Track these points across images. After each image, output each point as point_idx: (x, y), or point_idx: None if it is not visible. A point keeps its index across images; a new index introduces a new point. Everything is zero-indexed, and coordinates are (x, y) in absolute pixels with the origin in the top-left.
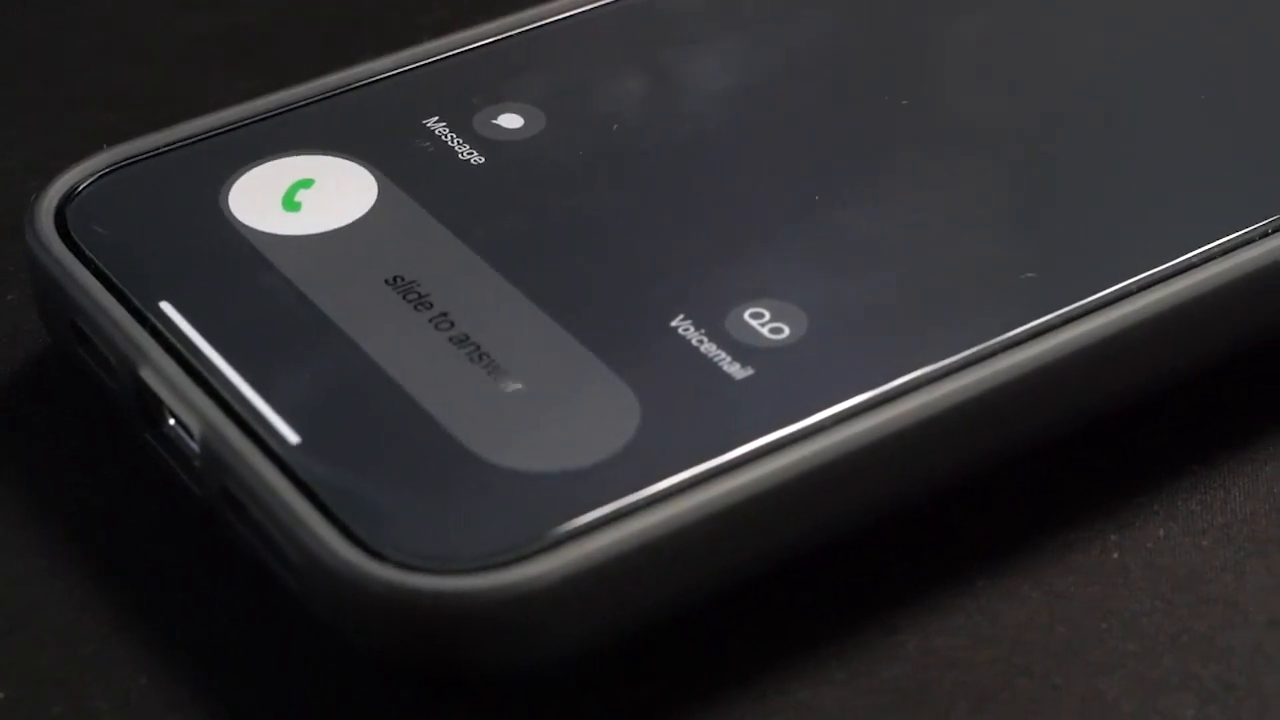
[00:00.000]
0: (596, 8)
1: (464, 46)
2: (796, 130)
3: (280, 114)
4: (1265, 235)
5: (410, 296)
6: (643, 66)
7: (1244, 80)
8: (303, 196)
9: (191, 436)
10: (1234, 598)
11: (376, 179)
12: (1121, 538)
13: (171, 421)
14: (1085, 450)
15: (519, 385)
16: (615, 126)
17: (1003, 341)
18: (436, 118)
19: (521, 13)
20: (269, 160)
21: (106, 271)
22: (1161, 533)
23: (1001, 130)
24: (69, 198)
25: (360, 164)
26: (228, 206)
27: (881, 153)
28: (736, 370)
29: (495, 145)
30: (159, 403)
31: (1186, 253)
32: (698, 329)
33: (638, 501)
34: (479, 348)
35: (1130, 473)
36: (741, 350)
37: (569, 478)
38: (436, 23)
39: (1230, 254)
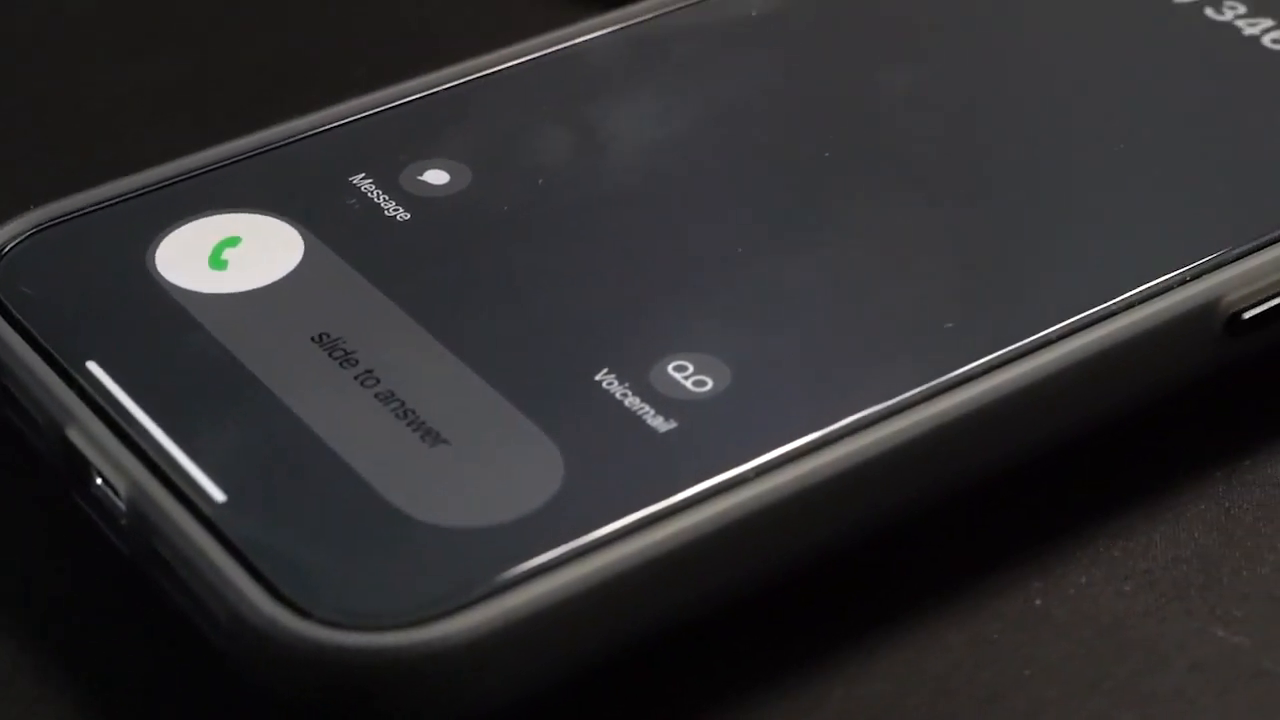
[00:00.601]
0: (521, 63)
1: (390, 103)
2: (719, 183)
3: (207, 172)
4: (1182, 283)
5: (336, 354)
6: (566, 121)
7: (1156, 132)
8: (229, 255)
9: (119, 496)
10: (1156, 643)
11: (303, 236)
12: (1045, 584)
13: (99, 481)
14: (1009, 496)
15: (444, 441)
16: (540, 181)
17: (923, 391)
18: (363, 174)
19: (447, 69)
20: (195, 219)
21: (33, 331)
22: (1084, 579)
23: (920, 181)
24: None
25: (286, 222)
26: (154, 265)
27: (802, 204)
28: (660, 423)
29: (421, 201)
30: (86, 463)
31: (1104, 301)
32: (622, 383)
33: (562, 555)
34: (404, 404)
35: (1053, 519)
36: (665, 403)
37: (494, 533)
38: (369, 75)
39: (1144, 304)
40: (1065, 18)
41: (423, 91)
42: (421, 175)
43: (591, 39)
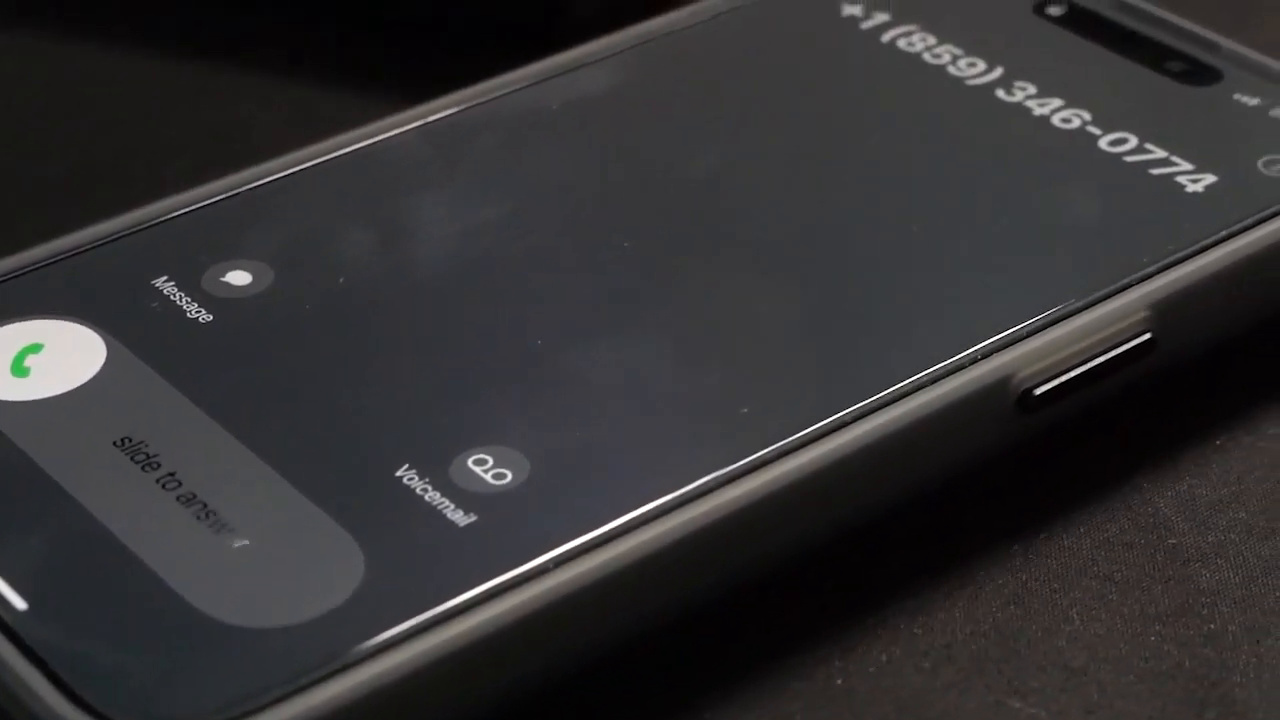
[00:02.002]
0: (322, 162)
1: (192, 205)
2: (517, 277)
3: (9, 279)
4: (973, 361)
5: (138, 457)
6: (367, 218)
7: (948, 212)
8: (32, 361)
9: None
10: (955, 718)
11: (105, 341)
12: (846, 663)
13: None
14: (809, 576)
15: (245, 541)
16: (341, 279)
17: (720, 476)
18: (165, 277)
19: (249, 169)
20: None
21: None
22: (884, 657)
23: (716, 268)
24: None
25: (89, 327)
26: None
27: (599, 296)
28: (460, 517)
29: (223, 303)
30: None
31: (898, 382)
32: (422, 478)
33: (362, 652)
34: (206, 506)
35: (853, 597)
36: (465, 497)
37: (294, 632)
38: (179, 175)
39: (937, 383)
40: (859, 101)
41: (225, 193)
42: (224, 276)
43: (392, 136)
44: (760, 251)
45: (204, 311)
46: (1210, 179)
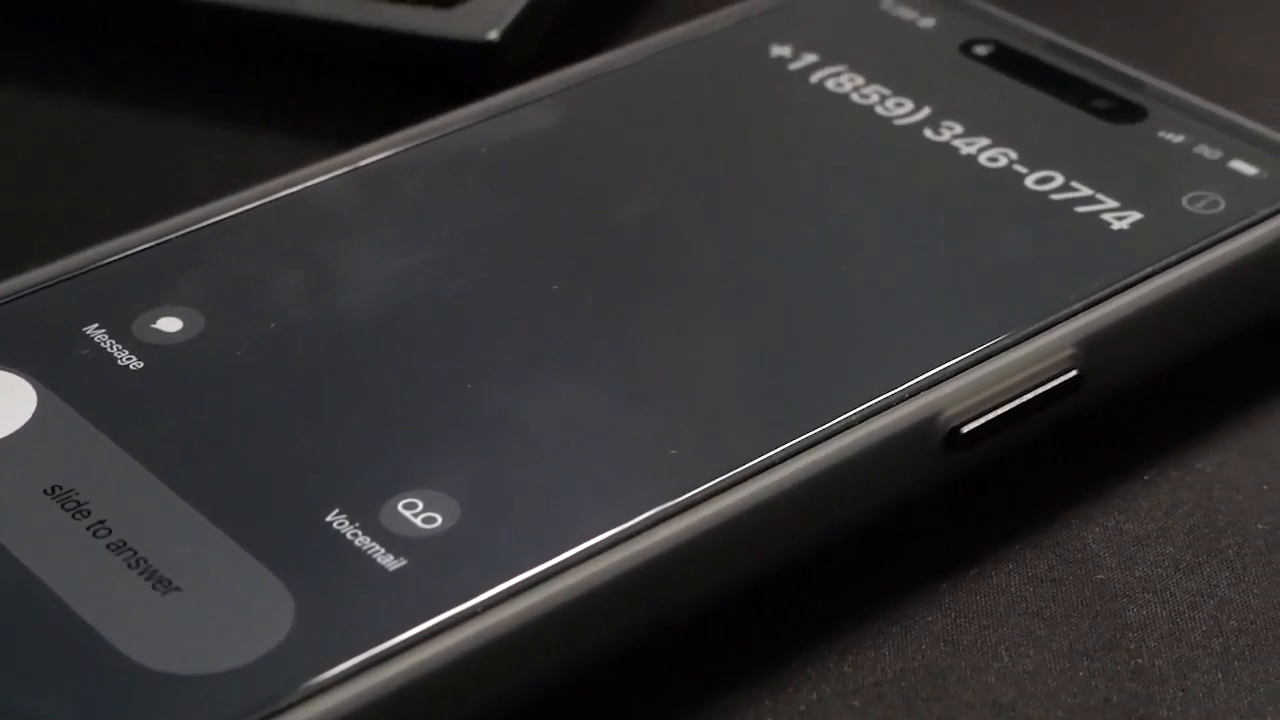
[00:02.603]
0: (252, 208)
1: (123, 252)
2: (446, 320)
3: None
4: (901, 400)
5: (69, 505)
6: (297, 263)
7: (876, 251)
8: None
9: None
10: None
11: (36, 389)
12: (776, 703)
13: None
14: (739, 615)
15: (176, 588)
16: (272, 324)
17: (650, 517)
18: (96, 324)
19: (179, 215)
20: None
21: None
22: (815, 695)
23: (643, 309)
24: None
25: (19, 375)
26: None
27: (528, 338)
28: (390, 562)
29: (154, 349)
30: None
31: (826, 421)
32: (353, 523)
33: (293, 697)
34: (136, 553)
35: (783, 636)
36: (395, 541)
37: (225, 678)
38: (113, 220)
39: (864, 422)
40: (788, 141)
41: (156, 239)
42: (155, 323)
43: (323, 181)
44: (690, 292)
45: (135, 359)
46: (1136, 216)
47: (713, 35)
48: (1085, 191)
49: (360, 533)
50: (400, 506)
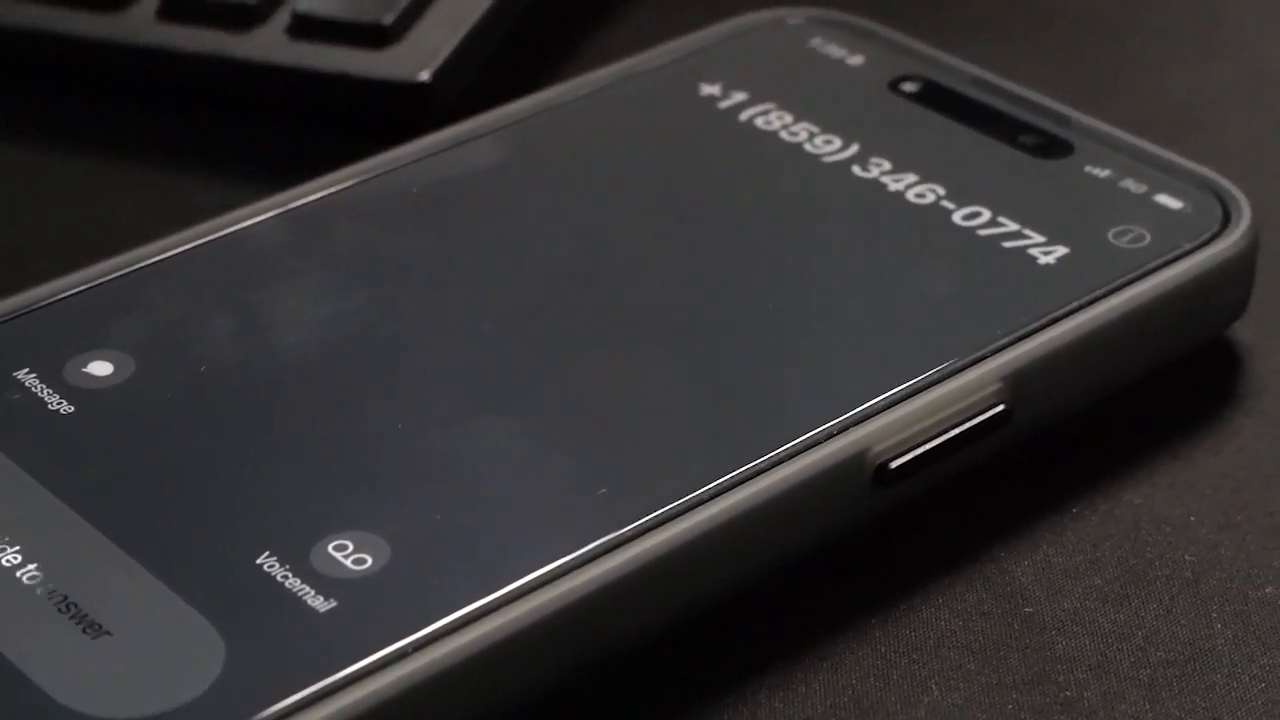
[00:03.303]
0: (183, 250)
1: (53, 297)
2: (376, 362)
3: None
4: (829, 436)
5: None
6: (227, 306)
7: (803, 287)
8: None
9: None
10: None
11: None
12: None
13: None
14: (668, 652)
15: (106, 632)
16: (203, 367)
17: (580, 556)
18: (27, 369)
19: (110, 259)
20: None
21: None
22: None
23: (571, 348)
24: None
25: None
26: None
27: (458, 380)
28: (320, 603)
29: (84, 394)
30: None
31: (754, 459)
32: (283, 564)
33: None
34: (67, 598)
35: (713, 672)
36: (325, 583)
37: None
38: (43, 266)
39: (793, 459)
40: (717, 179)
41: (86, 283)
42: (85, 367)
43: (253, 223)
44: (621, 331)
45: (65, 403)
46: (1062, 251)
47: (643, 74)
48: (1012, 227)
49: (290, 574)
50: (330, 548)
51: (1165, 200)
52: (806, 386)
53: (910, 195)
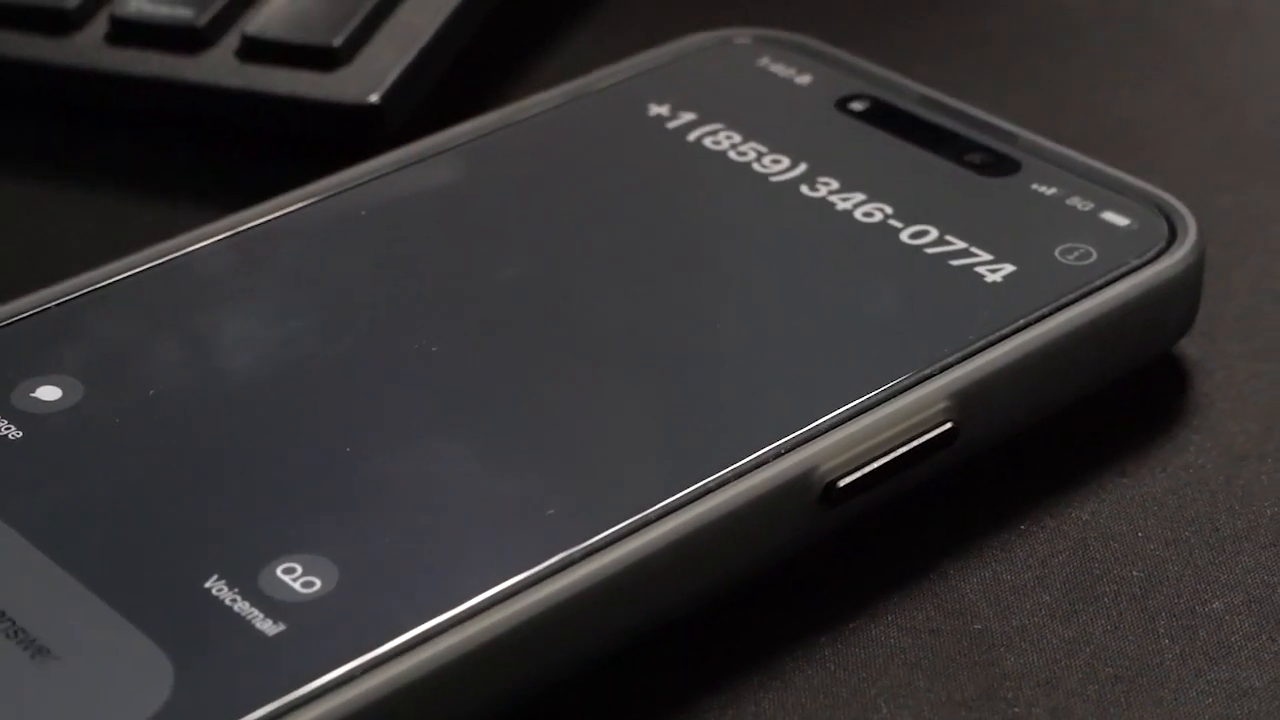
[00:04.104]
0: (129, 275)
1: (1, 321)
2: (323, 384)
3: None
4: (777, 456)
5: None
6: (175, 330)
7: (751, 306)
8: None
9: None
10: None
11: None
12: None
13: None
14: (617, 672)
15: (54, 657)
16: (151, 391)
17: (530, 576)
18: None
19: (57, 284)
20: None
21: None
22: None
23: (519, 369)
24: None
25: None
26: None
27: (406, 402)
28: (269, 626)
29: (33, 419)
30: None
31: (702, 479)
32: (231, 588)
33: None
34: (14, 622)
35: (662, 692)
36: (274, 606)
37: None
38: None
39: (740, 479)
40: (666, 199)
41: (33, 309)
42: (34, 393)
43: (201, 247)
44: (567, 352)
45: (14, 428)
46: (1009, 268)
47: (591, 95)
48: (959, 245)
49: (239, 598)
50: (279, 571)
51: (1111, 217)
52: (754, 406)
53: (858, 214)
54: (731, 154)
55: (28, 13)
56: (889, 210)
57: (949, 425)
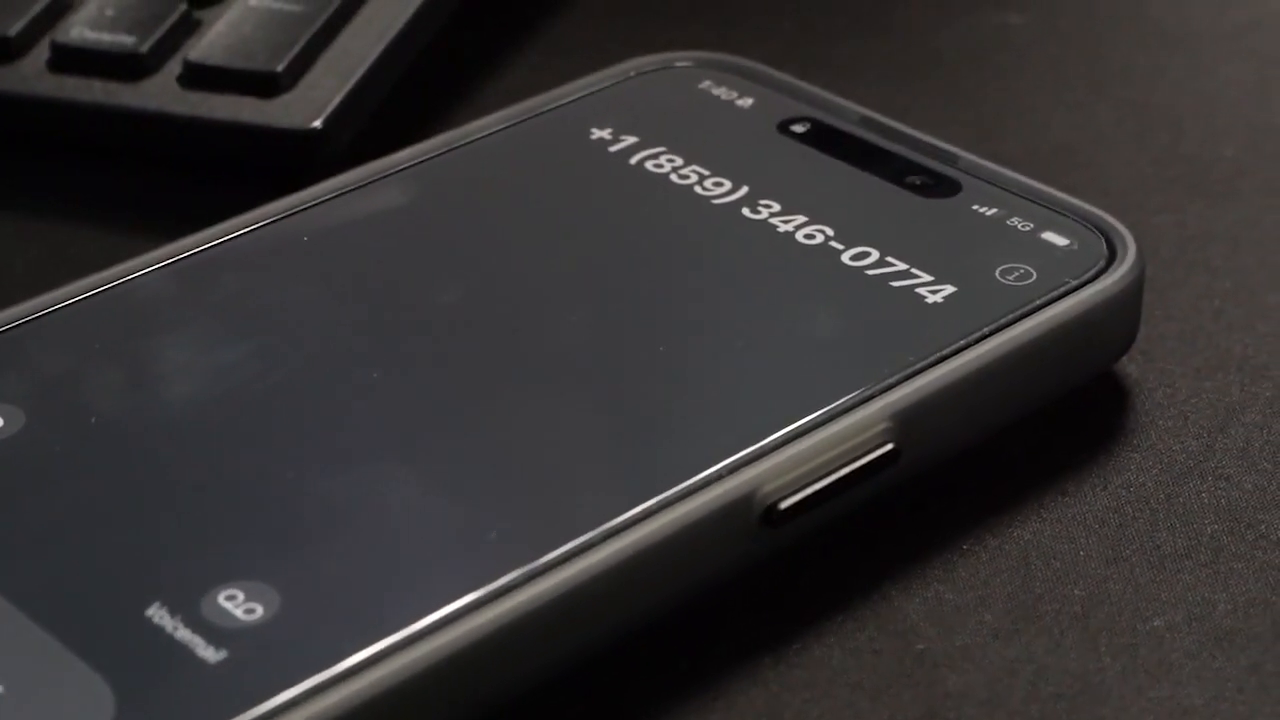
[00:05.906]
0: (71, 303)
1: None
2: (264, 411)
3: None
4: (718, 478)
5: None
6: (117, 358)
7: (692, 328)
8: None
9: None
10: None
11: None
12: None
13: None
14: (560, 697)
15: None
16: (93, 419)
17: (469, 603)
18: None
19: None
20: None
21: None
22: None
23: (460, 393)
24: None
25: None
26: None
27: (347, 428)
28: (211, 654)
29: None
30: None
31: (642, 502)
32: (173, 615)
33: None
34: None
35: (605, 714)
36: (216, 633)
37: None
38: None
39: (681, 502)
40: (609, 223)
41: None
42: None
43: (142, 275)
44: (508, 375)
45: None
46: (949, 289)
47: (533, 119)
48: (900, 266)
49: (181, 625)
50: (221, 598)
51: (1051, 237)
52: (696, 428)
53: (799, 236)
54: (674, 177)
55: None
56: (830, 232)
57: (890, 446)
